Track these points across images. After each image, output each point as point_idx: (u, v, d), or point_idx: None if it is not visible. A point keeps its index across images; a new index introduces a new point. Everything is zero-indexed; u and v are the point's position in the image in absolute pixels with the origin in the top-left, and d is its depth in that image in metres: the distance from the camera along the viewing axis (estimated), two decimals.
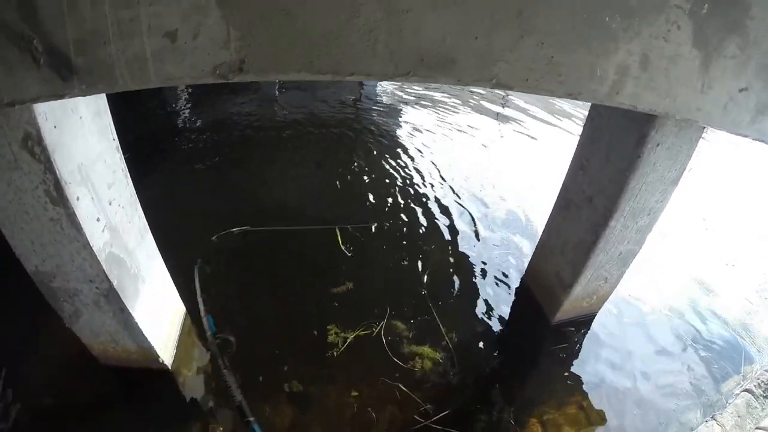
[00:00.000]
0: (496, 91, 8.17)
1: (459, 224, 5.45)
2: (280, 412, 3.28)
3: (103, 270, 2.22)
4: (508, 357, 4.00)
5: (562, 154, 4.12)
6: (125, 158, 2.52)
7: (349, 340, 3.75)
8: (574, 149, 3.52)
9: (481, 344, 4.04)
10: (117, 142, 2.40)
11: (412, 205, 5.68)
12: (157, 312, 2.96)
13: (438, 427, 3.33)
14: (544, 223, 4.10)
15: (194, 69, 1.39)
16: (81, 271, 2.22)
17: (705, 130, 2.98)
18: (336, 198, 5.68)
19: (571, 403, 3.68)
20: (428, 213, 5.57)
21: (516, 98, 8.99)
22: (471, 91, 9.31)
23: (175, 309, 3.34)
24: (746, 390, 3.93)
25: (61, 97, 1.42)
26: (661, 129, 2.85)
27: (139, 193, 2.68)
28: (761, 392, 3.93)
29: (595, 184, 3.33)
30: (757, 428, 3.61)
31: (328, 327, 3.82)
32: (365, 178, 6.13)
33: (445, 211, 5.66)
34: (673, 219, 5.88)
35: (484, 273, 4.77)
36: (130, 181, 2.57)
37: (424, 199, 5.82)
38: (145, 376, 3.02)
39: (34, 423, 2.86)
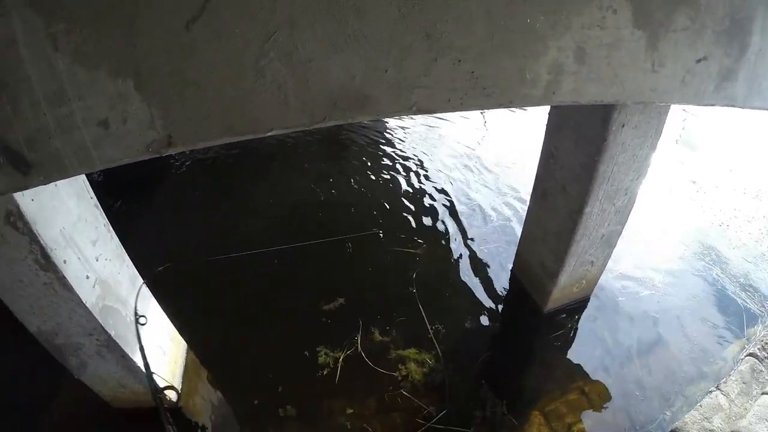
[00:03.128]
0: None
1: (447, 219, 5.36)
2: None
3: (100, 323, 2.38)
4: (504, 351, 3.94)
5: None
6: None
7: (341, 358, 3.70)
8: (543, 138, 3.39)
9: (476, 341, 3.97)
10: (95, 200, 2.54)
11: (401, 204, 5.58)
12: (159, 352, 3.08)
13: (440, 426, 3.29)
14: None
15: (130, 149, 1.51)
16: (80, 327, 2.38)
17: None
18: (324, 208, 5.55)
19: (572, 390, 3.62)
20: (416, 211, 5.47)
21: None
22: None
23: (177, 345, 3.43)
24: (750, 354, 3.81)
25: (25, 188, 1.56)
26: (624, 110, 2.74)
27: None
28: (766, 355, 3.82)
29: (567, 171, 3.23)
30: (763, 393, 3.51)
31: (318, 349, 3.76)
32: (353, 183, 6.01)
33: (432, 206, 5.57)
34: (662, 186, 5.79)
35: (477, 268, 4.67)
36: (114, 234, 2.70)
37: (411, 198, 5.71)
38: (155, 415, 3.05)
39: None
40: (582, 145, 3.02)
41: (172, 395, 3.12)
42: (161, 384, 2.93)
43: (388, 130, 7.24)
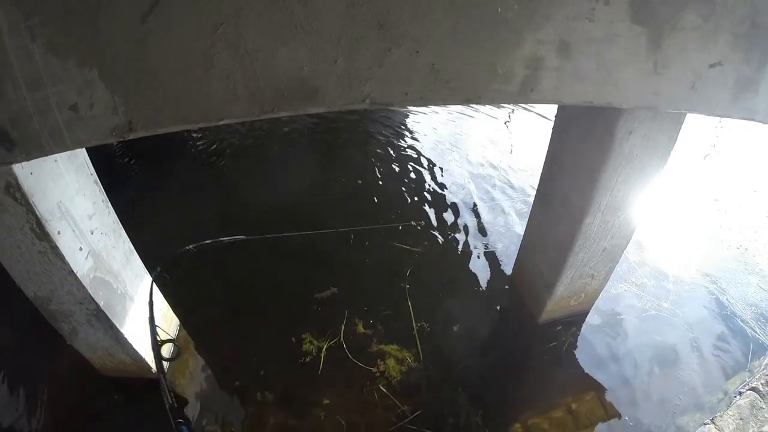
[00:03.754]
0: None
1: (454, 217, 5.21)
2: (250, 421, 3.25)
3: (89, 293, 2.52)
4: (492, 358, 3.79)
5: None
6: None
7: (324, 348, 3.65)
8: (548, 141, 3.22)
9: (462, 345, 3.82)
10: (95, 176, 2.66)
11: (408, 198, 5.47)
12: (148, 326, 3.16)
13: (413, 427, 3.23)
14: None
15: (97, 132, 1.64)
16: (71, 295, 2.52)
17: None
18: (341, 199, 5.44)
19: (558, 406, 3.46)
20: (421, 208, 5.33)
21: None
22: None
23: (168, 321, 3.53)
24: (752, 388, 3.57)
25: (9, 163, 1.77)
26: (632, 116, 2.53)
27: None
28: None
29: (570, 179, 3.06)
30: None
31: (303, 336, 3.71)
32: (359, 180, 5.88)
33: (442, 203, 5.42)
34: (682, 201, 5.51)
35: (477, 271, 4.54)
36: (112, 210, 2.82)
37: (421, 193, 5.57)
38: (141, 385, 3.25)
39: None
40: (586, 151, 2.84)
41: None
42: (146, 355, 3.05)
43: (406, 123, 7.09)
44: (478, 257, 4.66)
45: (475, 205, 5.38)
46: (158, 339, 2.78)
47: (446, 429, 3.26)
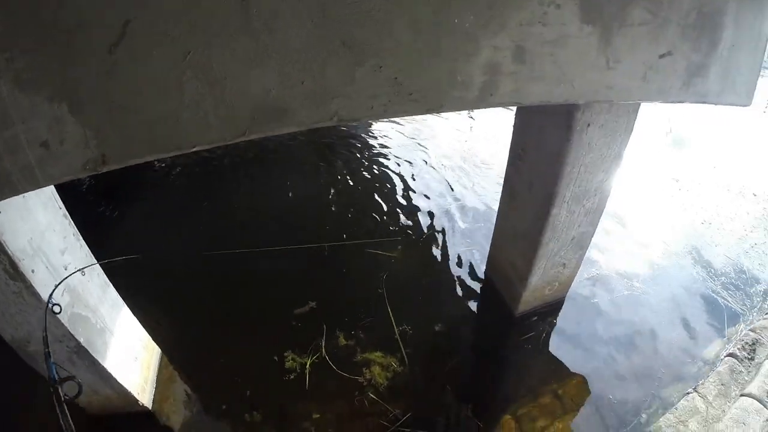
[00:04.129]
0: None
1: (427, 219, 5.24)
2: None
3: (69, 330, 2.45)
4: (474, 354, 3.85)
5: None
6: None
7: (308, 363, 3.60)
8: (510, 138, 3.27)
9: (445, 344, 3.84)
10: (64, 210, 2.59)
11: (379, 205, 5.46)
12: (130, 358, 3.13)
13: (406, 430, 3.21)
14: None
15: (70, 168, 1.59)
16: (50, 334, 2.34)
17: None
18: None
19: (545, 393, 3.51)
20: (395, 212, 5.33)
21: None
22: None
23: (149, 351, 3.43)
24: (730, 354, 3.71)
25: None
26: (589, 109, 2.61)
27: None
28: (746, 354, 3.72)
29: (533, 173, 3.12)
30: (742, 395, 3.38)
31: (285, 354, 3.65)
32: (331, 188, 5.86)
33: (412, 205, 5.43)
34: (643, 184, 5.66)
35: (452, 270, 4.57)
36: (84, 243, 2.74)
37: (392, 198, 5.57)
38: (128, 420, 3.15)
39: None
40: (547, 145, 2.90)
41: (144, 400, 3.15)
42: (131, 388, 2.98)
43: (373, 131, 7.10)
44: (453, 255, 4.70)
45: (445, 203, 5.44)
46: (56, 377, 2.73)
47: (438, 427, 3.28)
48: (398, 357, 3.63)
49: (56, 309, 2.57)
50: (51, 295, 2.50)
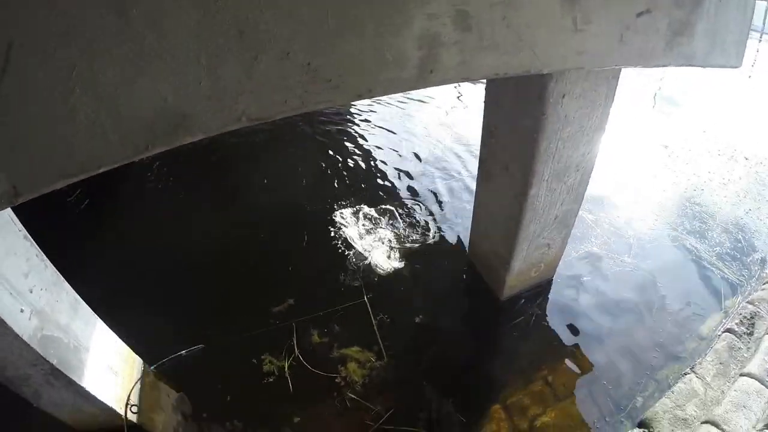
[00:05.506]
0: None
1: (404, 204, 4.97)
2: None
3: (40, 354, 2.40)
4: (459, 343, 3.65)
5: None
6: None
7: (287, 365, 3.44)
8: (482, 115, 3.03)
9: (427, 334, 3.66)
10: (24, 231, 2.52)
11: (356, 186, 5.21)
12: (110, 372, 3.08)
13: (389, 427, 3.08)
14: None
15: None
16: (23, 358, 2.40)
17: None
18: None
19: (536, 380, 3.35)
20: (375, 194, 5.10)
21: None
22: None
23: (129, 362, 3.34)
24: (728, 330, 3.53)
25: None
26: (563, 78, 2.36)
27: None
28: (744, 330, 3.54)
29: (508, 151, 2.89)
30: (741, 375, 3.20)
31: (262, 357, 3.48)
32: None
33: (393, 188, 5.19)
34: (631, 153, 5.44)
35: (434, 256, 4.34)
36: (49, 263, 2.66)
37: (369, 179, 5.33)
38: None
39: None
40: (520, 121, 2.66)
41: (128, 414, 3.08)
42: (113, 403, 2.94)
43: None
44: (435, 241, 4.48)
45: (427, 186, 5.22)
46: None
47: (423, 423, 3.13)
48: (376, 350, 3.47)
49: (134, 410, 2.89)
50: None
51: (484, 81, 3.05)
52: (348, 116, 6.59)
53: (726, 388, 3.17)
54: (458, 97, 7.02)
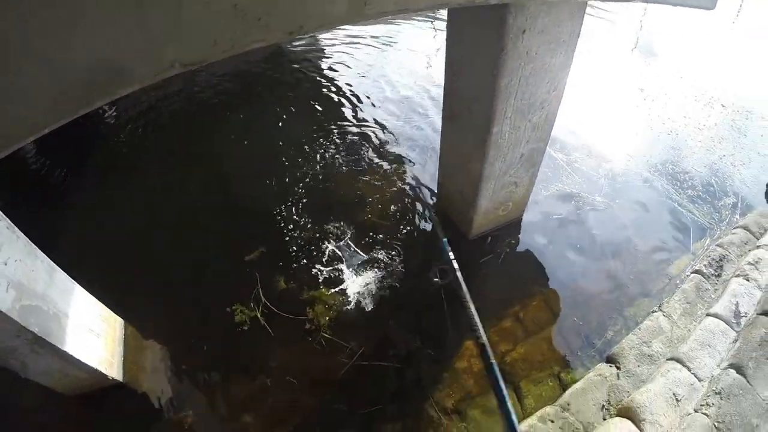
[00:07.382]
0: None
1: (374, 150, 4.92)
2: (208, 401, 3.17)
3: (21, 324, 2.46)
4: (429, 282, 3.67)
5: None
6: None
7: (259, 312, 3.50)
8: (445, 52, 3.01)
9: (396, 274, 3.70)
10: None
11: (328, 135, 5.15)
12: (92, 335, 3.13)
13: (364, 363, 3.18)
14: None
15: None
16: (6, 331, 2.46)
17: None
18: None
19: (506, 317, 3.44)
20: (345, 141, 5.05)
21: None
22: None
23: (111, 324, 3.41)
24: (696, 271, 3.61)
25: None
26: (522, 13, 2.31)
27: None
28: (712, 271, 3.62)
29: (470, 90, 2.86)
30: (708, 315, 3.28)
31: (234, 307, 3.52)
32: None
33: (364, 135, 5.12)
34: (607, 93, 5.40)
35: (406, 199, 4.34)
36: (20, 233, 2.69)
37: (341, 131, 5.23)
38: (103, 394, 3.17)
39: None
40: (480, 57, 2.63)
41: (113, 374, 3.18)
42: (99, 365, 3.01)
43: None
44: (405, 183, 4.47)
45: (395, 128, 5.18)
46: None
47: (396, 359, 3.22)
48: (344, 291, 3.55)
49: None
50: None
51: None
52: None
53: (692, 327, 3.28)
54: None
